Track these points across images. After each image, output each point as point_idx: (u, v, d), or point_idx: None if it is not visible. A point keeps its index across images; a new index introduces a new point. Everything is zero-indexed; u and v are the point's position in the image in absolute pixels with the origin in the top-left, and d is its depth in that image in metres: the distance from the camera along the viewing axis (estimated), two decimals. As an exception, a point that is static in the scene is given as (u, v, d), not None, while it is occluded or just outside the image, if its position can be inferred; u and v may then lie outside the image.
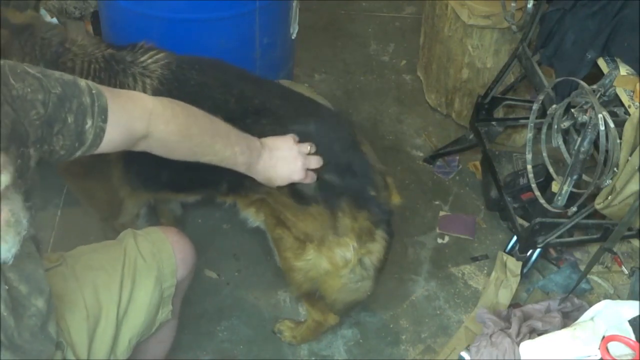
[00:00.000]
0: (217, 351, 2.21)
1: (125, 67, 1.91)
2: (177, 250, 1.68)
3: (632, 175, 1.84)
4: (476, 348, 1.97)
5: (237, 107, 1.90)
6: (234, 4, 2.30)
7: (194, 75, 1.94)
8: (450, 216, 2.68)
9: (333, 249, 1.86)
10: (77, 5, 2.80)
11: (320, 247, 1.86)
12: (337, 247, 1.85)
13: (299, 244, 1.89)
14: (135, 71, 1.91)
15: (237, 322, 2.29)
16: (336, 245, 1.85)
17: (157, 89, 1.90)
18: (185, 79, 1.93)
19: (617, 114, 2.02)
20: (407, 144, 2.97)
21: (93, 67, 1.89)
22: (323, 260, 1.88)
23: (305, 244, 1.88)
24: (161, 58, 1.96)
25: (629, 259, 2.51)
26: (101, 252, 1.63)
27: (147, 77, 1.91)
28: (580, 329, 1.70)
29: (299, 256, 1.91)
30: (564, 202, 2.10)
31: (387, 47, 3.47)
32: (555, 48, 2.27)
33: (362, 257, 1.88)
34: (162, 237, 1.68)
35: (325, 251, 1.86)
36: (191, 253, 1.73)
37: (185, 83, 1.93)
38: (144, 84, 1.90)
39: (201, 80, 1.94)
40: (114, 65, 1.90)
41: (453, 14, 2.77)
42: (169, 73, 1.93)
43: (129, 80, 1.90)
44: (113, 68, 1.90)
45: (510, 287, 2.33)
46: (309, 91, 2.65)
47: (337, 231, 1.83)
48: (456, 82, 2.94)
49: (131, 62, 1.92)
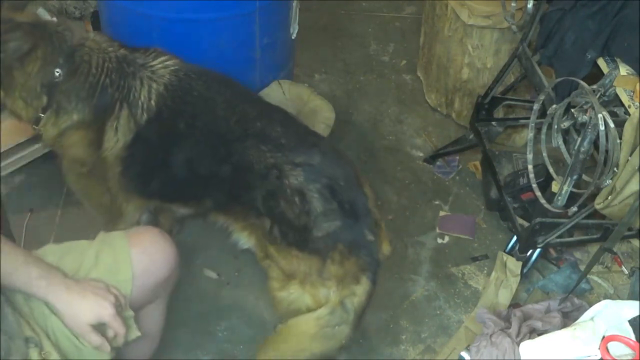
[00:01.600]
0: (217, 351, 2.21)
1: (135, 70, 1.92)
2: (156, 250, 1.64)
3: (632, 175, 1.84)
4: (476, 348, 1.97)
5: (237, 128, 1.88)
6: (234, 4, 2.30)
7: (199, 87, 1.94)
8: (450, 216, 2.68)
9: (317, 287, 1.80)
10: (77, 5, 2.80)
11: (303, 286, 1.81)
12: (321, 287, 1.80)
13: (284, 277, 1.85)
14: (144, 75, 1.92)
15: (237, 322, 2.29)
16: (320, 286, 1.80)
17: (162, 94, 1.91)
18: (190, 88, 1.93)
19: (617, 114, 2.02)
20: (407, 144, 2.97)
21: (107, 65, 1.90)
22: (306, 296, 1.82)
23: (289, 279, 1.84)
24: (171, 65, 1.96)
25: (629, 259, 2.52)
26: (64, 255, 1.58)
27: (154, 82, 1.92)
28: (580, 329, 1.70)
29: (283, 287, 1.86)
30: (564, 202, 2.10)
31: (387, 47, 3.47)
32: (555, 48, 2.27)
33: (344, 299, 1.79)
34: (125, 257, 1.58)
35: (308, 289, 1.81)
36: (171, 253, 1.68)
37: (188, 92, 1.93)
38: (149, 87, 1.91)
39: (205, 93, 1.94)
40: (125, 67, 1.92)
41: (453, 14, 2.77)
42: (175, 80, 1.93)
43: (137, 83, 1.91)
44: (124, 70, 1.91)
45: (510, 287, 2.33)
46: (309, 91, 2.65)
47: (322, 275, 1.78)
48: (456, 82, 2.94)
49: (141, 66, 1.94)
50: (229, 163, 1.86)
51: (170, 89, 1.92)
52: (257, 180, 1.82)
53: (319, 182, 1.77)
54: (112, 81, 1.89)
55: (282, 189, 1.78)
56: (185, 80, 1.94)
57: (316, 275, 1.79)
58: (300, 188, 1.76)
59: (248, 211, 1.86)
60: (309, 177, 1.77)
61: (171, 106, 1.91)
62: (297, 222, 1.77)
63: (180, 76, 1.94)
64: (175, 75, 1.94)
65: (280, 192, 1.78)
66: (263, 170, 1.80)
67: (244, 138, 1.85)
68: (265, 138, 1.85)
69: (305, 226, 1.76)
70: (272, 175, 1.79)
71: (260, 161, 1.81)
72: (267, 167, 1.80)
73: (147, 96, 1.90)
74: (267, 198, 1.80)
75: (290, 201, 1.77)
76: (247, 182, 1.84)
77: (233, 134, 1.87)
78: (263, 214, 1.82)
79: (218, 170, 1.89)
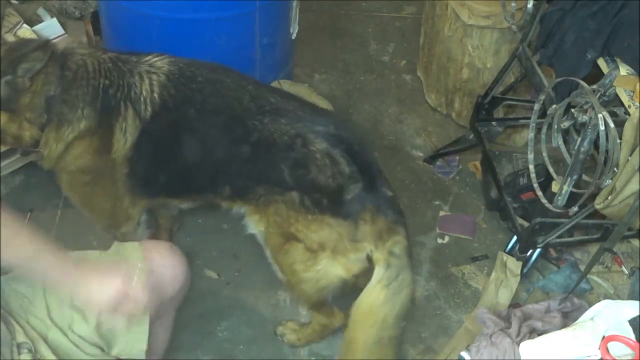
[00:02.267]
0: (217, 351, 2.21)
1: (131, 67, 1.90)
2: (167, 267, 1.62)
3: (632, 175, 1.84)
4: (476, 348, 1.97)
5: (253, 105, 1.88)
6: (234, 4, 2.30)
7: (203, 72, 1.93)
8: (450, 216, 2.68)
9: (348, 254, 1.83)
10: (77, 5, 2.80)
11: (334, 255, 1.83)
12: (353, 253, 1.83)
13: (310, 255, 1.86)
14: (142, 69, 1.90)
15: (237, 322, 2.29)
16: (352, 251, 1.82)
17: (164, 84, 1.88)
18: (193, 75, 1.91)
19: (617, 114, 2.02)
20: (407, 144, 2.97)
21: (103, 66, 1.87)
22: (337, 267, 1.85)
23: (317, 253, 1.85)
24: (166, 57, 1.95)
25: (629, 259, 2.52)
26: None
27: (154, 74, 1.89)
28: (580, 329, 1.70)
29: (309, 267, 1.88)
30: (564, 202, 2.10)
31: (387, 47, 3.47)
32: (555, 48, 2.27)
33: (391, 249, 1.82)
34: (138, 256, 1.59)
35: (339, 258, 1.83)
36: (182, 269, 1.67)
37: (192, 79, 1.90)
38: (150, 80, 1.88)
39: (211, 77, 1.92)
40: (121, 66, 1.89)
41: (453, 14, 2.77)
42: (176, 69, 1.91)
43: (136, 79, 1.88)
44: (120, 68, 1.89)
45: (510, 287, 2.33)
46: (309, 91, 2.65)
47: (355, 237, 1.81)
48: (456, 82, 2.94)
49: (136, 62, 1.92)
50: (248, 143, 1.85)
51: (172, 78, 1.89)
52: (282, 153, 1.83)
53: (339, 147, 1.82)
54: (112, 82, 1.86)
55: (311, 155, 1.81)
56: (186, 69, 1.92)
57: (348, 241, 1.82)
58: (327, 152, 1.81)
59: (272, 189, 1.84)
60: (332, 143, 1.82)
61: (176, 95, 1.89)
62: (331, 185, 1.79)
63: (180, 65, 1.92)
64: (174, 65, 1.92)
65: (309, 159, 1.81)
66: (287, 141, 1.82)
67: (262, 115, 1.85)
68: (282, 112, 1.87)
69: (339, 188, 1.80)
70: (297, 144, 1.82)
71: (283, 134, 1.82)
72: (290, 137, 1.82)
73: (149, 89, 1.88)
74: (295, 168, 1.82)
75: (321, 165, 1.80)
76: (270, 158, 1.84)
77: (249, 113, 1.86)
78: (290, 188, 1.82)
79: (237, 152, 1.87)
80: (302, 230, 1.84)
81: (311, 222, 1.83)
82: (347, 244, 1.82)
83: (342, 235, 1.81)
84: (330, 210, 1.81)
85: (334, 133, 1.85)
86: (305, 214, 1.83)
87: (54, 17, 2.74)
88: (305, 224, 1.83)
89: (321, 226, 1.82)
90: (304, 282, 1.92)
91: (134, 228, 2.12)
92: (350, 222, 1.81)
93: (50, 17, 2.75)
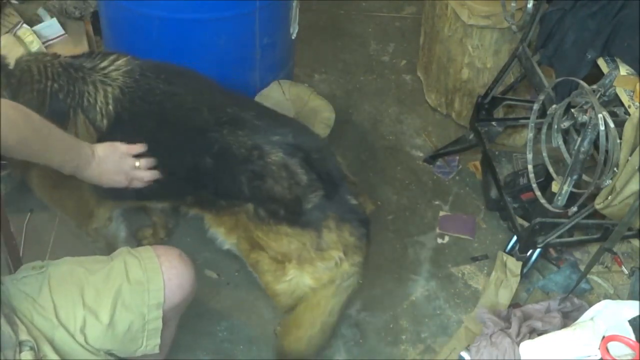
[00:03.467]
0: (217, 351, 2.21)
1: (84, 74, 1.85)
2: (174, 275, 1.62)
3: (632, 175, 1.84)
4: (476, 348, 1.98)
5: (211, 117, 1.87)
6: (234, 4, 2.30)
7: (160, 84, 1.89)
8: (450, 216, 2.68)
9: (314, 263, 1.83)
10: (77, 5, 2.80)
11: (301, 264, 1.84)
12: (319, 261, 1.83)
13: (277, 265, 1.87)
14: (96, 78, 1.85)
15: (237, 322, 2.29)
16: (318, 260, 1.83)
17: (118, 98, 1.85)
18: (150, 88, 1.88)
19: (617, 114, 2.02)
20: (407, 144, 2.97)
21: (51, 70, 1.82)
22: (305, 277, 1.86)
23: (283, 264, 1.85)
24: (122, 64, 1.89)
25: (629, 259, 2.51)
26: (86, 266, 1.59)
27: (109, 85, 1.85)
28: (580, 329, 1.70)
29: (279, 278, 1.89)
30: (564, 202, 2.10)
31: (387, 47, 3.47)
32: (555, 48, 2.27)
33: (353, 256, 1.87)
34: (155, 267, 1.60)
35: (306, 267, 1.84)
36: (189, 279, 1.66)
37: (150, 92, 1.88)
38: (105, 92, 1.85)
39: (168, 89, 1.89)
40: (73, 73, 1.85)
41: (453, 14, 2.77)
42: (131, 81, 1.87)
43: (89, 88, 1.84)
44: (71, 75, 1.84)
45: (510, 287, 2.33)
46: (309, 91, 2.65)
47: (320, 246, 1.82)
48: (456, 82, 2.94)
49: (91, 69, 1.87)
50: (209, 154, 1.84)
51: (127, 92, 1.86)
52: (240, 165, 1.82)
53: (297, 156, 1.82)
54: (61, 86, 1.82)
55: (267, 167, 1.81)
56: (142, 81, 1.88)
57: (313, 250, 1.82)
58: (284, 163, 1.80)
59: (233, 201, 1.84)
60: (288, 153, 1.82)
61: (131, 109, 1.85)
62: (288, 196, 1.79)
63: (136, 77, 1.88)
64: (129, 77, 1.88)
65: (266, 171, 1.81)
66: (244, 153, 1.82)
67: (220, 126, 1.84)
68: (239, 122, 1.86)
69: (296, 198, 1.79)
70: (254, 156, 1.82)
71: (240, 145, 1.81)
72: (247, 149, 1.82)
73: (103, 101, 1.84)
74: (252, 179, 1.82)
75: (277, 177, 1.80)
76: (230, 169, 1.84)
77: (207, 124, 1.85)
78: (247, 199, 1.82)
79: (199, 164, 1.86)
80: (263, 238, 1.85)
81: (268, 232, 1.83)
82: (312, 254, 1.82)
83: (305, 244, 1.82)
84: (287, 220, 1.81)
85: (291, 142, 1.84)
86: (261, 224, 1.83)
87: (54, 17, 2.74)
88: (264, 233, 1.84)
89: (279, 236, 1.83)
90: (279, 295, 1.94)
91: (105, 224, 2.11)
92: (311, 230, 1.81)
93: (50, 17, 2.75)
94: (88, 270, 1.57)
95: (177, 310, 1.72)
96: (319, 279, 1.85)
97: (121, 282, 1.56)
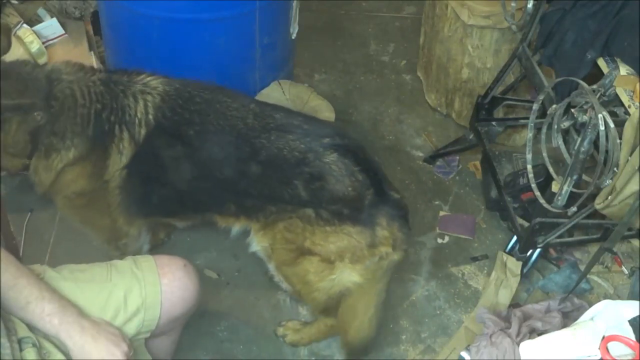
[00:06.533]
0: (217, 351, 2.21)
1: (124, 88, 1.86)
2: (176, 288, 1.60)
3: (632, 175, 1.84)
4: (476, 348, 1.97)
5: (257, 123, 1.86)
6: (234, 4, 2.30)
7: (200, 93, 1.89)
8: (450, 216, 2.68)
9: (364, 261, 1.85)
10: (77, 5, 2.80)
11: (353, 263, 1.85)
12: (369, 258, 1.85)
13: (325, 266, 1.87)
14: (136, 89, 1.86)
15: (237, 322, 2.29)
16: (369, 257, 1.85)
17: (159, 106, 1.85)
18: (190, 95, 1.88)
19: (617, 114, 2.02)
20: (407, 144, 2.97)
21: (93, 91, 1.83)
22: (353, 274, 1.87)
23: (334, 264, 1.86)
24: (160, 77, 1.91)
25: (629, 259, 2.52)
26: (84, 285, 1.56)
27: (148, 94, 1.86)
28: (580, 329, 1.70)
29: (324, 277, 1.89)
30: (564, 202, 2.10)
31: (387, 47, 3.47)
32: (555, 48, 2.27)
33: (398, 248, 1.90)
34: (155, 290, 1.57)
35: (357, 265, 1.85)
36: (192, 291, 1.64)
37: (190, 100, 1.87)
38: (145, 101, 1.85)
39: (210, 97, 1.89)
40: (113, 88, 1.85)
41: (453, 14, 2.77)
42: (172, 90, 1.88)
43: (130, 101, 1.84)
44: (113, 90, 1.85)
45: (510, 287, 2.33)
46: (309, 91, 2.65)
47: (373, 243, 1.83)
48: (456, 82, 2.94)
49: (129, 82, 1.87)
50: (256, 161, 1.83)
51: (167, 100, 1.86)
52: (294, 169, 1.82)
53: (348, 156, 1.83)
54: (105, 105, 1.82)
55: (327, 168, 1.81)
56: (182, 90, 1.89)
57: (366, 247, 1.83)
58: (342, 162, 1.82)
59: (284, 206, 1.83)
60: (341, 153, 1.83)
61: (172, 117, 1.85)
62: (351, 194, 1.80)
63: (176, 86, 1.89)
64: (169, 85, 1.88)
65: (325, 171, 1.81)
66: (298, 156, 1.81)
67: (267, 132, 1.84)
68: (288, 128, 1.86)
69: (359, 196, 1.81)
70: (309, 158, 1.81)
71: (292, 149, 1.81)
72: (301, 152, 1.82)
73: (143, 111, 1.84)
74: (310, 181, 1.81)
75: (338, 176, 1.80)
76: (281, 175, 1.83)
77: (254, 131, 1.84)
78: (305, 202, 1.82)
79: (244, 171, 1.85)
80: (320, 243, 1.84)
81: (330, 234, 1.83)
82: (365, 251, 1.84)
83: (360, 242, 1.83)
84: (351, 219, 1.82)
85: (340, 143, 1.85)
86: (323, 226, 1.83)
87: (54, 17, 2.74)
88: (323, 237, 1.84)
89: (340, 237, 1.83)
90: (317, 291, 1.94)
91: (134, 239, 2.12)
92: (369, 228, 1.83)
93: (50, 17, 2.75)
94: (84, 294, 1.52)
95: (180, 321, 1.72)
96: (365, 275, 1.87)
97: (118, 310, 1.53)
